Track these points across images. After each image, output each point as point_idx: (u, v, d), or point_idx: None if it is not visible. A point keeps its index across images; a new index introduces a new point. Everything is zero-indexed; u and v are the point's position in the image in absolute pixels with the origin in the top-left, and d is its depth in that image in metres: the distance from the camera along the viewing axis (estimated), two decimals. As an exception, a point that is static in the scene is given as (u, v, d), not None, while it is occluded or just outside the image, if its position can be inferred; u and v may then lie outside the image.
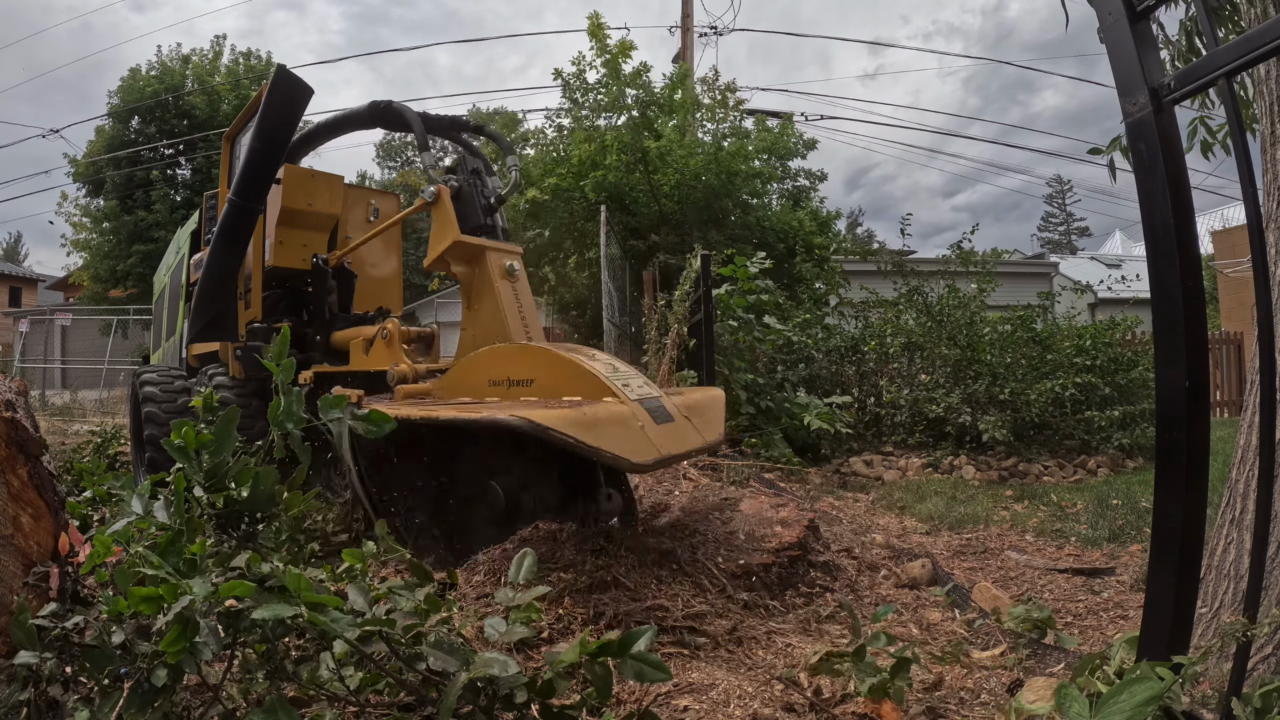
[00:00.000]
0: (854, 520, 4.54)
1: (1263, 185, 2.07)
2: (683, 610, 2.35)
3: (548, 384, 2.87)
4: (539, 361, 2.95)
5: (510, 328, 3.42)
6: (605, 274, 7.63)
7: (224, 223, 4.02)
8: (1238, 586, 1.93)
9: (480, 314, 3.60)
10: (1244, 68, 1.17)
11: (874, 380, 8.06)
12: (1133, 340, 8.49)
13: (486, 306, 3.56)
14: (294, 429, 1.44)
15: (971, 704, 1.97)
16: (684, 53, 14.08)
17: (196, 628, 1.13)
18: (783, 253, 10.76)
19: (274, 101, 3.80)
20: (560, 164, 10.64)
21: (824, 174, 12.58)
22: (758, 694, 1.92)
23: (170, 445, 1.31)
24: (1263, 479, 1.26)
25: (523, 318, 3.56)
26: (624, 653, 1.30)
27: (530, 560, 1.60)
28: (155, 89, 18.50)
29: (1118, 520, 4.24)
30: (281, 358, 1.49)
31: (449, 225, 3.58)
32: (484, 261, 3.60)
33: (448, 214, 3.63)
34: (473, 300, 3.65)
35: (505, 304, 3.50)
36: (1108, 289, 10.05)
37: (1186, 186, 1.29)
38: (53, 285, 32.93)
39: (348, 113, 4.72)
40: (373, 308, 5.48)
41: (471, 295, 3.66)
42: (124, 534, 1.46)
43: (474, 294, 3.65)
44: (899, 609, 2.78)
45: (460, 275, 3.70)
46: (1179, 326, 1.27)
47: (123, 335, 18.70)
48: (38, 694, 1.35)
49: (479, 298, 3.62)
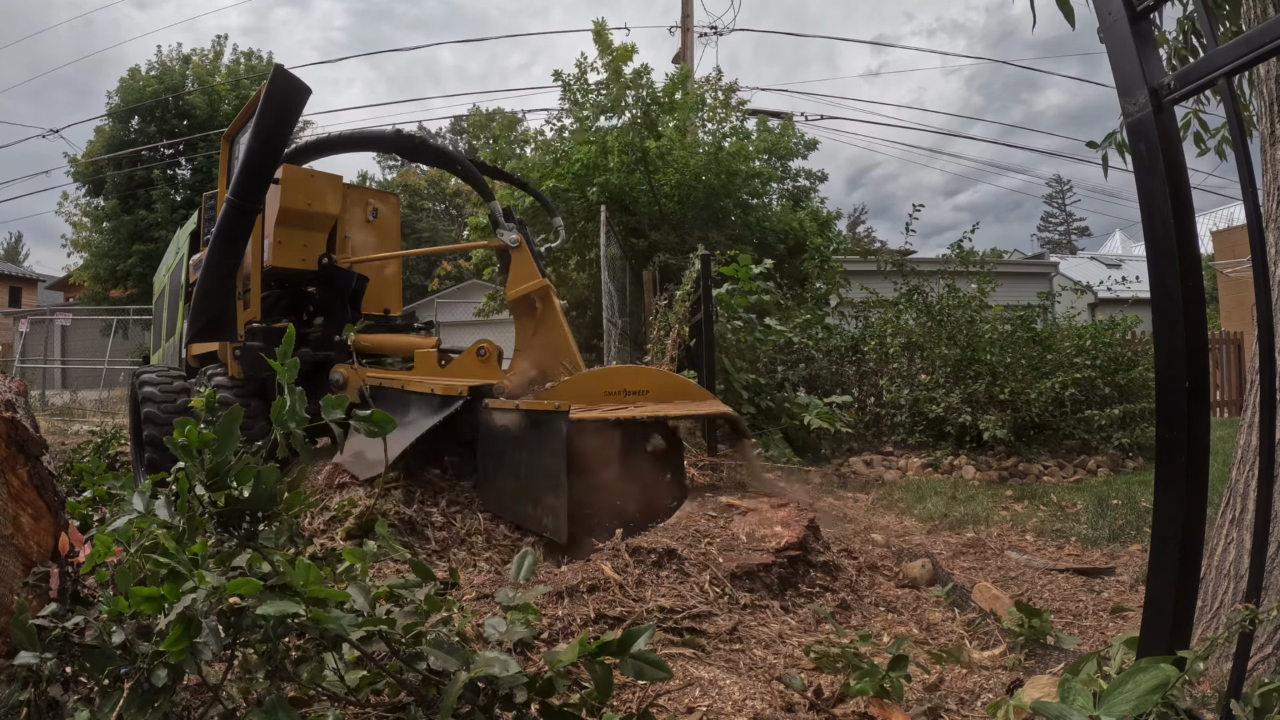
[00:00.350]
0: (854, 520, 4.54)
1: (1263, 185, 2.07)
2: (683, 610, 2.35)
3: (659, 392, 3.75)
4: (649, 376, 3.88)
5: (574, 351, 4.25)
6: (605, 274, 7.63)
7: (222, 223, 4.02)
8: (1238, 586, 1.93)
9: (546, 340, 4.33)
10: (1244, 68, 1.17)
11: (874, 380, 8.06)
12: (1133, 340, 8.49)
13: (554, 335, 4.32)
14: (296, 428, 1.44)
15: (971, 704, 1.97)
16: (684, 53, 14.08)
17: (199, 628, 1.13)
18: (783, 253, 10.76)
19: (271, 101, 3.80)
20: (560, 164, 10.64)
21: (824, 174, 12.60)
22: (758, 694, 1.92)
23: (173, 443, 1.31)
24: (1263, 479, 1.26)
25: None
26: (624, 652, 1.30)
27: (530, 560, 1.60)
28: (155, 89, 18.50)
29: (1118, 520, 4.24)
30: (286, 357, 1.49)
31: (533, 270, 4.31)
32: (551, 301, 4.33)
33: (529, 260, 4.33)
34: (539, 328, 4.37)
35: (570, 335, 4.30)
36: (1108, 289, 10.04)
37: (1186, 186, 1.29)
38: (53, 285, 32.94)
39: (370, 133, 5.16)
40: (374, 308, 5.49)
41: (539, 325, 4.37)
42: (124, 533, 1.45)
43: (541, 324, 4.36)
44: (899, 609, 2.78)
45: (525, 310, 4.40)
46: (1179, 326, 1.27)
47: (123, 335, 18.70)
48: (38, 694, 1.35)
49: (546, 326, 4.35)
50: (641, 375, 3.86)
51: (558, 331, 4.27)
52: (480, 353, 4.38)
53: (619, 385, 3.73)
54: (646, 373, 3.93)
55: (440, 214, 37.52)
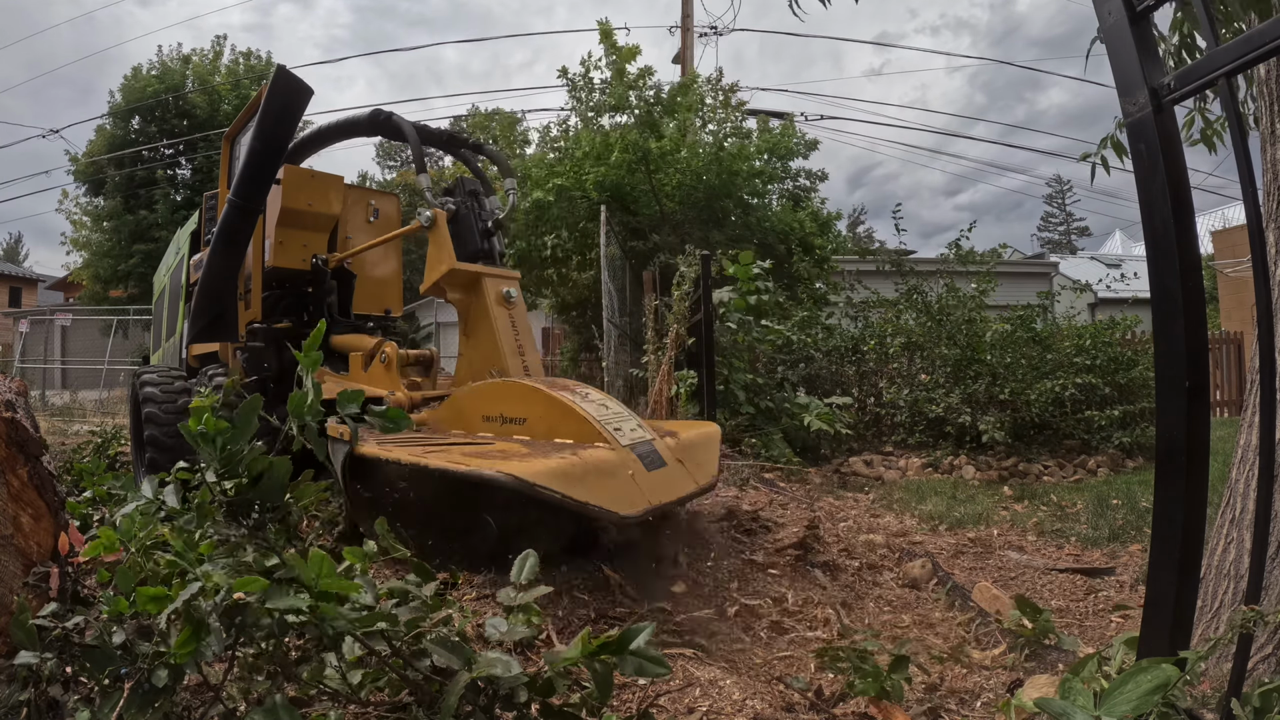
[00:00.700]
0: (854, 520, 4.54)
1: (1263, 185, 2.07)
2: (683, 611, 2.35)
3: (540, 424, 2.86)
4: (532, 400, 2.94)
5: (505, 357, 3.43)
6: (605, 274, 7.63)
7: (224, 223, 4.02)
8: (1238, 586, 1.93)
9: (477, 341, 3.62)
10: (1244, 68, 1.17)
11: (874, 380, 8.06)
12: (1133, 340, 8.49)
13: (483, 334, 3.56)
14: (312, 422, 1.43)
15: (971, 704, 1.97)
16: (684, 53, 14.08)
17: (207, 628, 1.13)
18: (783, 253, 10.76)
19: (273, 102, 3.80)
20: (563, 163, 10.65)
21: (824, 174, 12.59)
22: (758, 694, 1.92)
23: (188, 431, 1.30)
24: (1263, 479, 1.26)
25: (519, 346, 3.56)
26: (623, 650, 1.31)
27: (533, 560, 1.60)
28: (156, 89, 18.50)
29: (1118, 520, 4.24)
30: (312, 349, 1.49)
31: (445, 252, 3.58)
32: (481, 289, 3.59)
33: (444, 240, 3.62)
34: (469, 327, 3.67)
35: (501, 332, 3.51)
36: (1107, 288, 10.05)
37: (1186, 186, 1.29)
38: (53, 285, 32.93)
39: (350, 119, 4.79)
40: (375, 308, 5.48)
41: (469, 322, 3.68)
42: (126, 530, 1.46)
43: (471, 321, 3.66)
44: (899, 609, 2.78)
45: (457, 302, 3.72)
46: (1179, 327, 1.27)
47: (123, 335, 18.70)
48: (38, 694, 1.35)
49: (476, 325, 3.63)
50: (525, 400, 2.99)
51: (485, 329, 3.58)
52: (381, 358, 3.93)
53: (497, 408, 3.05)
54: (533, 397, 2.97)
55: (440, 214, 37.43)
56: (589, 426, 2.70)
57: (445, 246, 3.60)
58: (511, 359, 3.46)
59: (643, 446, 2.69)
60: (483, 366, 3.52)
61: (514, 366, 3.46)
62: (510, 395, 3.05)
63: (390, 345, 3.95)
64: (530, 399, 2.95)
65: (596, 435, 2.66)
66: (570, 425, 2.76)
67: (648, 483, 2.52)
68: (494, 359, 3.48)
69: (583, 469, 2.34)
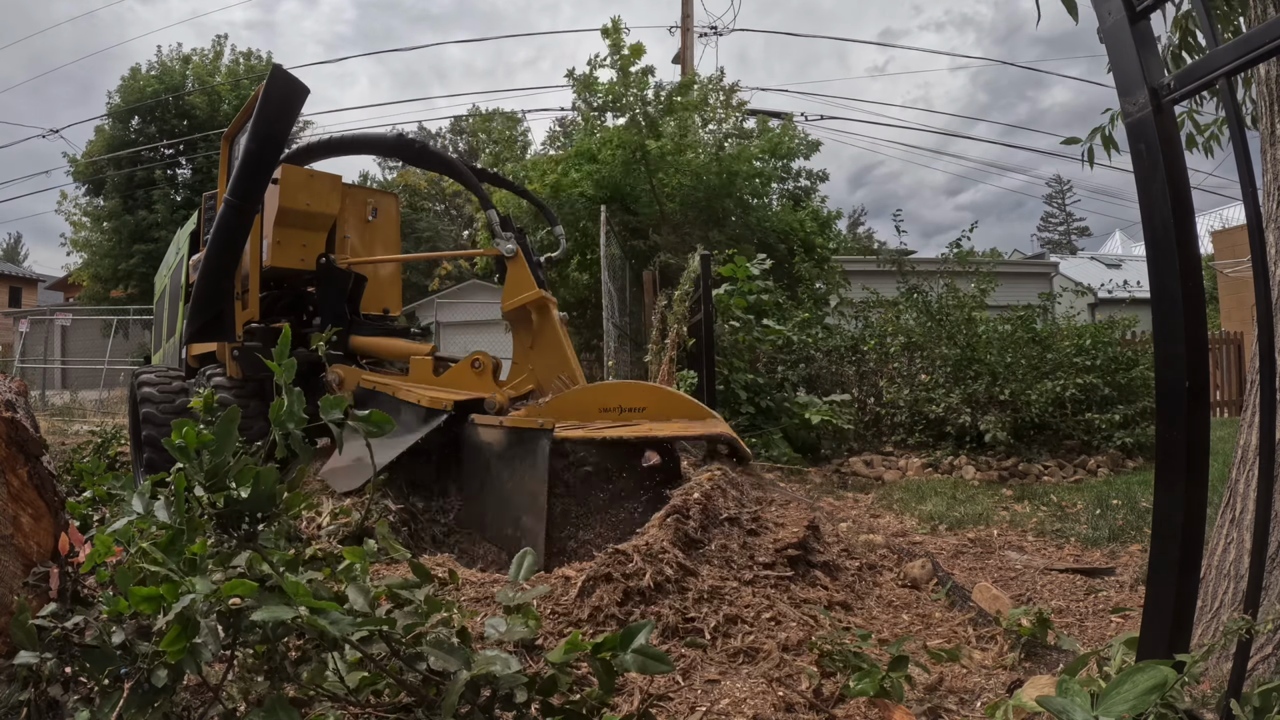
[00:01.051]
0: (854, 520, 4.54)
1: (1263, 185, 2.07)
2: (683, 611, 2.35)
3: (659, 408, 3.61)
4: (648, 393, 3.75)
5: (573, 365, 4.16)
6: (605, 274, 7.63)
7: (220, 223, 4.01)
8: (1238, 586, 1.93)
9: (544, 353, 4.25)
10: (1244, 67, 1.17)
11: (874, 380, 8.06)
12: (1133, 340, 8.49)
13: (551, 348, 4.23)
14: (295, 429, 1.44)
15: (971, 704, 1.97)
16: (684, 53, 14.08)
17: (197, 628, 1.13)
18: (783, 253, 10.77)
19: (269, 101, 3.79)
20: (560, 162, 10.66)
21: (825, 174, 12.59)
22: (758, 694, 1.92)
23: (171, 445, 1.31)
24: (1263, 479, 1.26)
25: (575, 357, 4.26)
26: (625, 647, 1.31)
27: (530, 560, 1.60)
28: (155, 89, 18.52)
29: (1118, 520, 4.24)
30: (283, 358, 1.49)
31: (529, 280, 4.20)
32: (548, 312, 4.22)
33: (524, 270, 4.22)
34: (537, 341, 4.28)
35: (568, 348, 4.21)
36: (1108, 292, 10.06)
37: (1186, 186, 1.29)
38: (53, 285, 32.94)
39: (373, 138, 5.10)
40: (374, 308, 5.48)
41: (535, 337, 4.29)
42: (124, 534, 1.45)
43: (539, 336, 4.27)
44: (899, 608, 2.78)
45: (522, 320, 4.31)
46: (1179, 327, 1.27)
47: (123, 335, 18.72)
48: (38, 694, 1.35)
49: (543, 339, 4.27)
50: (639, 391, 3.75)
51: (555, 344, 4.19)
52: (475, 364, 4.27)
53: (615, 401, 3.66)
54: (644, 389, 3.80)
55: (440, 214, 37.52)
56: (699, 407, 3.64)
57: (528, 276, 4.22)
58: (577, 368, 4.17)
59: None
60: (549, 374, 4.18)
61: (579, 374, 4.16)
62: (625, 391, 3.78)
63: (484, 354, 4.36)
64: (647, 392, 3.77)
65: (705, 412, 3.61)
66: (684, 407, 3.62)
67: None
68: (562, 368, 4.14)
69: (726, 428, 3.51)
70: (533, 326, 4.27)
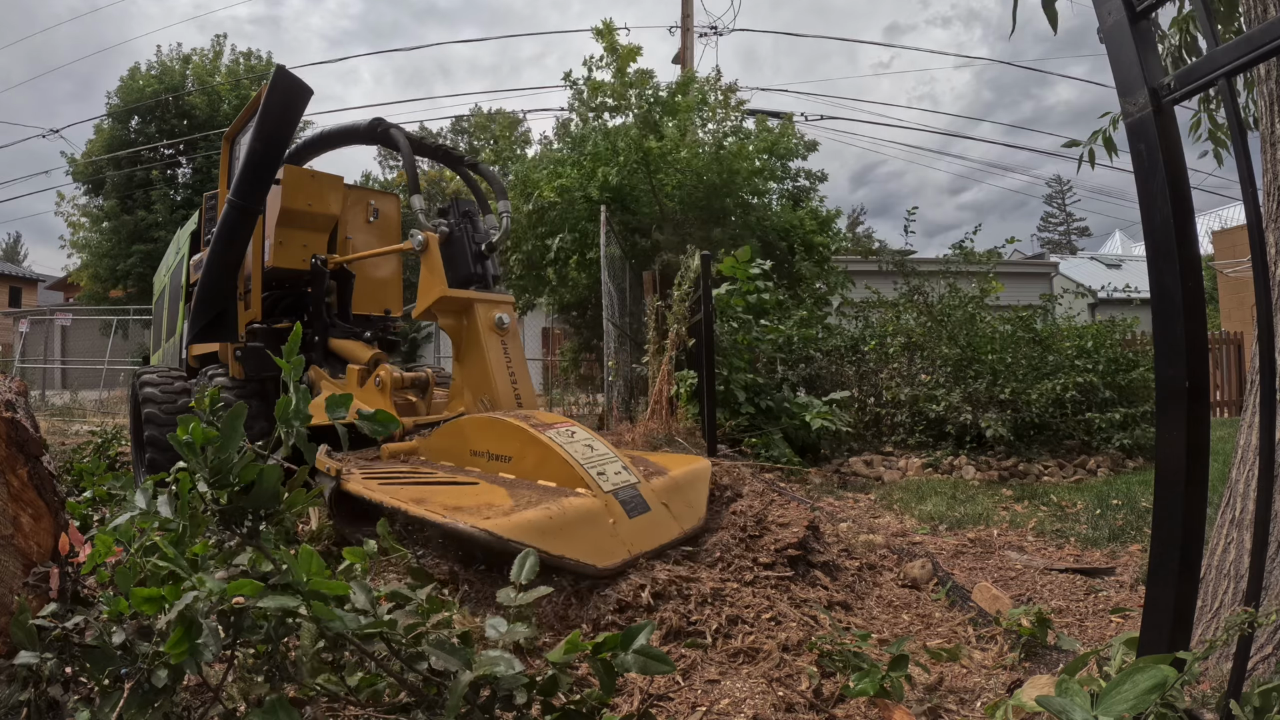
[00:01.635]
0: (854, 520, 4.54)
1: (1263, 185, 2.07)
2: (682, 611, 2.35)
3: (525, 463, 2.87)
4: (518, 440, 2.94)
5: (497, 386, 3.44)
6: (605, 274, 7.63)
7: (223, 223, 4.02)
8: (1238, 586, 1.93)
9: (469, 368, 3.61)
10: (1244, 67, 1.17)
11: (874, 380, 8.06)
12: (1133, 341, 8.49)
13: (475, 362, 3.56)
14: (300, 427, 1.43)
15: (971, 704, 1.97)
16: (684, 53, 14.08)
17: (199, 628, 1.13)
18: (783, 252, 10.77)
19: (273, 102, 3.79)
20: (567, 164, 10.66)
21: (824, 174, 12.59)
22: (758, 694, 1.92)
23: (176, 440, 1.30)
24: (1263, 479, 1.26)
25: (511, 374, 3.56)
26: (627, 647, 1.32)
27: (533, 561, 1.60)
28: (155, 89, 18.51)
29: (1118, 520, 4.24)
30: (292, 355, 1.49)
31: (437, 276, 3.57)
32: (473, 315, 3.58)
33: (436, 265, 3.60)
34: (462, 353, 3.66)
35: (493, 361, 3.51)
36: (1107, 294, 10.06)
37: (1186, 186, 1.29)
38: (53, 285, 32.94)
39: (350, 127, 4.79)
40: (374, 308, 5.48)
41: (461, 347, 3.66)
42: (125, 533, 1.45)
43: (463, 347, 3.65)
44: (899, 608, 2.78)
45: (449, 328, 3.70)
46: (1179, 327, 1.27)
47: (123, 335, 18.72)
48: (38, 694, 1.35)
49: (468, 352, 3.62)
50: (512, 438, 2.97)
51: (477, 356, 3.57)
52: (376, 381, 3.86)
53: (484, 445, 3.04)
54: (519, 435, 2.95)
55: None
56: (571, 470, 2.71)
57: (437, 271, 3.58)
58: (503, 387, 3.47)
59: (626, 491, 2.70)
60: (474, 393, 3.52)
61: (505, 395, 3.46)
62: (497, 432, 3.04)
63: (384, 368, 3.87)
64: (516, 438, 2.95)
65: (579, 480, 2.67)
66: (553, 467, 2.77)
67: (628, 531, 2.53)
68: (485, 387, 3.48)
69: (561, 521, 2.37)
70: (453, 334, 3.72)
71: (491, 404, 3.46)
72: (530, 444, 2.89)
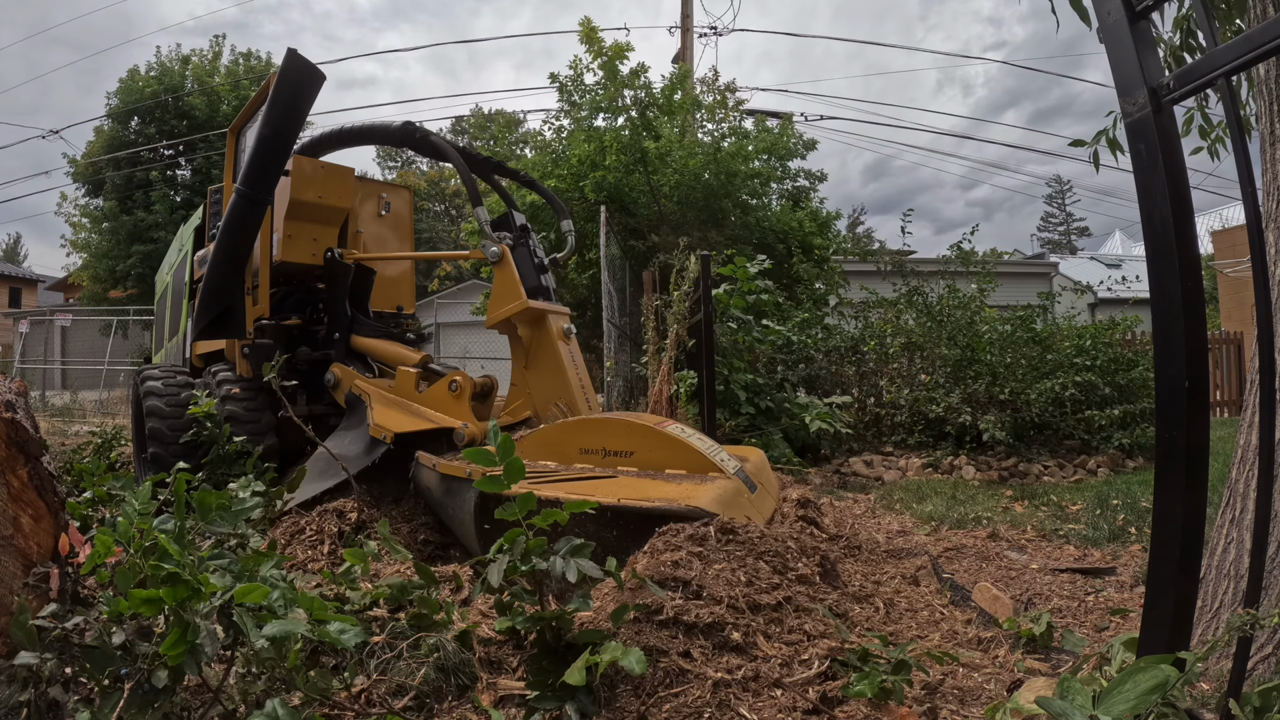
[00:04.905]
0: (854, 520, 4.54)
1: (1262, 185, 2.07)
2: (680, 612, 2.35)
3: (651, 456, 2.99)
4: (641, 436, 3.05)
5: (573, 392, 3.58)
6: (605, 274, 7.63)
7: (231, 214, 3.86)
8: (1238, 586, 1.93)
9: (540, 374, 3.73)
10: (1244, 67, 1.17)
11: (874, 380, 8.06)
12: (1133, 340, 8.48)
13: (547, 368, 3.69)
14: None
15: (971, 704, 1.97)
16: (684, 53, 14.08)
17: (196, 630, 1.13)
18: (782, 253, 10.76)
19: (284, 87, 3.61)
20: (559, 165, 10.64)
21: (823, 174, 12.58)
22: (758, 693, 1.92)
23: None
24: (1263, 479, 1.26)
25: (580, 379, 3.69)
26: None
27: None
28: (154, 90, 18.51)
29: (1118, 520, 4.24)
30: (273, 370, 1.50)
31: (515, 289, 3.68)
32: (547, 326, 3.71)
33: (511, 276, 3.71)
34: (531, 360, 3.78)
35: (568, 369, 3.65)
36: (1108, 290, 10.05)
37: (1186, 186, 1.29)
38: (53, 285, 32.93)
39: (379, 127, 4.72)
40: (387, 305, 5.40)
41: (530, 356, 3.78)
42: (125, 533, 1.45)
43: (534, 355, 3.76)
44: (899, 609, 2.78)
45: (523, 337, 3.81)
46: (1179, 326, 1.27)
47: (123, 336, 18.70)
48: (38, 694, 1.35)
49: (538, 359, 3.74)
50: (628, 433, 3.05)
51: (552, 364, 3.65)
52: (451, 387, 3.82)
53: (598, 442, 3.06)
54: (636, 430, 3.06)
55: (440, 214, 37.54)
56: (703, 459, 2.93)
57: (515, 283, 3.69)
58: (578, 394, 3.59)
59: (741, 472, 2.96)
60: (545, 399, 3.64)
61: (580, 402, 3.57)
62: (612, 431, 3.11)
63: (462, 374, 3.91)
64: (638, 434, 3.06)
65: (711, 466, 2.90)
66: (684, 457, 2.95)
67: (752, 504, 2.82)
68: (560, 393, 3.59)
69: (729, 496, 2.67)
70: (525, 342, 3.81)
71: (569, 408, 3.56)
72: (656, 439, 3.04)
